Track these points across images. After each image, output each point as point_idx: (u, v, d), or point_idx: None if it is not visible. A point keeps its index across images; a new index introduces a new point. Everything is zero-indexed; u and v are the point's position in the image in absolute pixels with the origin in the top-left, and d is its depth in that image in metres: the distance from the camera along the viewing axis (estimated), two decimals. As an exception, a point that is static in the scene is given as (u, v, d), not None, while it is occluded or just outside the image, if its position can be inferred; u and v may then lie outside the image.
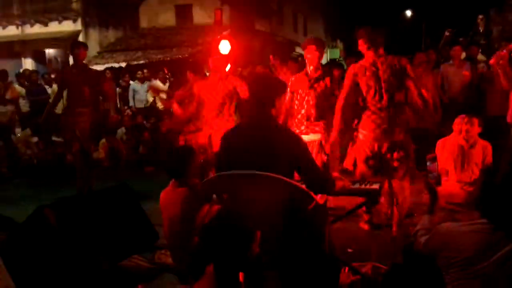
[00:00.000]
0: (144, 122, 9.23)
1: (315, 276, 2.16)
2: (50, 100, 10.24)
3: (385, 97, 4.09)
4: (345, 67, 9.07)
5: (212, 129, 5.15)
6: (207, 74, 5.49)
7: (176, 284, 3.31)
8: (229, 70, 5.41)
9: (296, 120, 4.57)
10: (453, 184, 4.94)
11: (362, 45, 4.09)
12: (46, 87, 10.60)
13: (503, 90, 5.29)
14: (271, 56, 5.83)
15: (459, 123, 4.87)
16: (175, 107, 5.69)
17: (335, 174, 3.71)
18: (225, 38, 5.63)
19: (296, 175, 2.71)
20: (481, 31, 9.25)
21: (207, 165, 4.92)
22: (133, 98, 10.23)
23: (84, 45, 6.11)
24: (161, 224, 3.52)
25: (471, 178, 4.77)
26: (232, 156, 2.72)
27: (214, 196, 3.10)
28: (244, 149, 2.67)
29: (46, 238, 3.06)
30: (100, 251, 3.20)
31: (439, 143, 5.35)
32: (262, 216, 2.54)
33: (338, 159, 4.84)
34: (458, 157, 4.85)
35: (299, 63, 7.91)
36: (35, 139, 8.48)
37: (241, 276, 2.68)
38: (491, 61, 5.02)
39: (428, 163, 2.63)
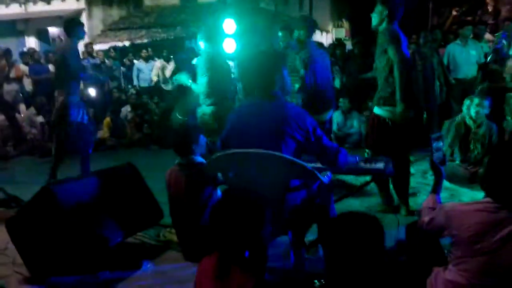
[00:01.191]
0: (149, 101, 9.22)
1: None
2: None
3: None
4: (351, 46, 8.99)
5: None
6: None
7: (181, 261, 3.35)
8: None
9: None
10: (458, 164, 4.94)
11: None
12: (49, 65, 10.58)
13: None
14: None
15: (468, 103, 4.85)
16: None
17: None
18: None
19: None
20: (489, 10, 9.10)
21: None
22: (137, 77, 10.20)
23: None
24: (166, 202, 3.54)
25: (476, 158, 4.76)
26: (238, 134, 2.72)
27: (220, 174, 3.11)
28: (250, 127, 2.66)
29: (53, 216, 3.09)
30: (106, 228, 3.24)
31: (446, 123, 5.34)
32: (268, 194, 2.55)
33: None
34: (464, 137, 4.84)
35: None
36: (39, 118, 8.50)
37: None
38: None
39: (433, 143, 2.61)
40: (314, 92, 4.61)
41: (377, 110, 3.98)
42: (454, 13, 9.82)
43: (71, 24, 5.17)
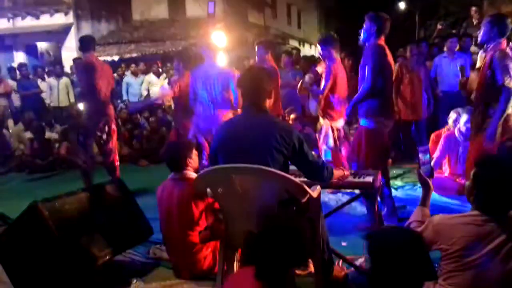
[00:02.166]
0: (138, 116, 9.19)
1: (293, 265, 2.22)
2: (44, 95, 10.27)
3: None
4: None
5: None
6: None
7: (171, 279, 3.31)
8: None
9: None
10: (446, 176, 4.98)
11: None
12: (39, 80, 10.54)
13: None
14: (256, 44, 5.88)
15: (454, 117, 4.89)
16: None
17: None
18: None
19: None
20: (474, 23, 9.26)
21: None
22: (127, 92, 10.18)
23: None
24: (156, 218, 3.51)
25: (464, 170, 4.80)
26: (225, 148, 2.72)
27: (208, 190, 3.10)
28: (237, 141, 2.67)
29: (40, 233, 3.05)
30: (94, 246, 3.20)
31: (433, 135, 5.39)
32: (257, 209, 2.55)
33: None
34: (452, 150, 4.89)
35: (293, 56, 7.92)
36: (27, 134, 8.43)
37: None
38: None
39: (420, 155, 2.64)
40: None
41: (364, 122, 4.05)
42: (439, 26, 9.98)
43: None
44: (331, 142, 5.07)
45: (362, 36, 4.08)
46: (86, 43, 5.40)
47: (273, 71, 5.46)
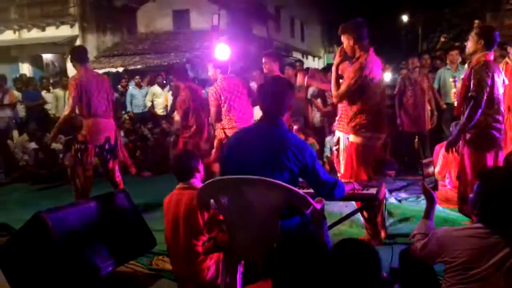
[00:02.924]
0: (142, 127, 9.23)
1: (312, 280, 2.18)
2: (49, 106, 10.34)
3: None
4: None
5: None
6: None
7: (174, 290, 3.30)
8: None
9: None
10: (450, 189, 4.96)
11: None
12: (43, 92, 10.62)
13: None
14: (264, 55, 5.81)
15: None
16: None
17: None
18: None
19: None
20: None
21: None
22: (131, 103, 10.23)
23: None
24: (159, 230, 3.51)
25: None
26: (235, 157, 2.72)
27: (212, 201, 3.10)
28: (247, 150, 2.66)
29: (43, 244, 3.06)
30: (97, 256, 3.20)
31: (437, 147, 5.38)
32: (261, 221, 2.54)
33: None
34: (456, 162, 4.87)
35: (296, 68, 7.95)
36: (32, 144, 8.47)
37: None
38: None
39: (425, 168, 2.64)
40: None
41: (352, 138, 3.90)
42: (442, 39, 10.03)
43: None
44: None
45: (349, 52, 3.88)
46: (81, 54, 5.10)
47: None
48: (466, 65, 7.29)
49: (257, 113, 6.26)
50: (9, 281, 3.16)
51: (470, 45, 3.82)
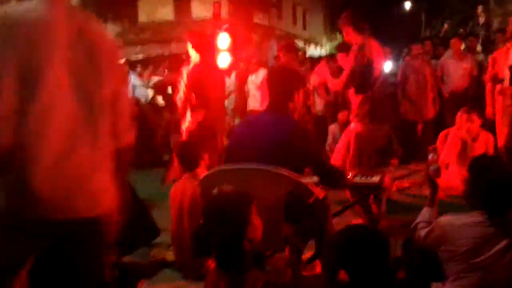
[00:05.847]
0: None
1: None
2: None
3: None
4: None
5: None
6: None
7: (177, 280, 3.32)
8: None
9: None
10: (454, 176, 4.94)
11: None
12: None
13: None
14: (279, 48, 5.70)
15: (460, 117, 4.87)
16: None
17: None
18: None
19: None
20: (481, 22, 9.20)
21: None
22: (133, 93, 10.20)
23: None
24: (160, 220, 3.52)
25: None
26: (239, 145, 2.71)
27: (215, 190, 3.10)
28: (251, 139, 2.65)
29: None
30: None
31: (441, 135, 5.35)
32: (264, 210, 2.54)
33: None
34: (460, 150, 4.86)
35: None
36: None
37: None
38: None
39: (429, 155, 2.63)
40: None
41: (354, 126, 3.96)
42: (445, 25, 9.94)
43: None
44: None
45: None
46: None
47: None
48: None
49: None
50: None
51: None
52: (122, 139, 1.71)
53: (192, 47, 4.70)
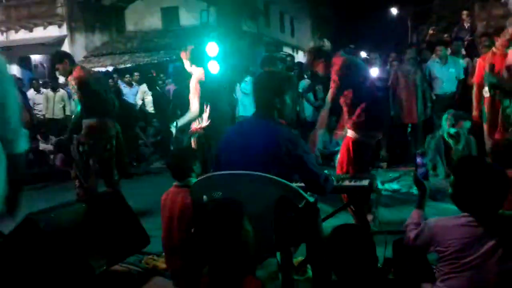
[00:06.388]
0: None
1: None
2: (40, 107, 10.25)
3: None
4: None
5: None
6: None
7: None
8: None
9: None
10: (441, 178, 4.99)
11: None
12: (34, 93, 10.55)
13: None
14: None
15: (447, 119, 4.94)
16: None
17: None
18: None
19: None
20: (466, 27, 9.33)
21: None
22: (121, 101, 10.17)
23: None
24: (151, 228, 3.50)
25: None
26: (227, 152, 2.71)
27: (205, 197, 3.09)
28: (239, 145, 2.65)
29: (36, 246, 3.03)
30: (91, 256, 3.18)
31: (429, 138, 5.42)
32: (254, 215, 2.54)
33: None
34: (446, 153, 4.91)
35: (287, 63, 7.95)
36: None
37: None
38: None
39: (417, 158, 2.66)
40: None
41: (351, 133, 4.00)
42: (431, 31, 10.06)
43: None
44: None
45: None
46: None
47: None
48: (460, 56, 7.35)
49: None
50: (2, 282, 3.13)
51: None
52: (13, 146, 1.75)
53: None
